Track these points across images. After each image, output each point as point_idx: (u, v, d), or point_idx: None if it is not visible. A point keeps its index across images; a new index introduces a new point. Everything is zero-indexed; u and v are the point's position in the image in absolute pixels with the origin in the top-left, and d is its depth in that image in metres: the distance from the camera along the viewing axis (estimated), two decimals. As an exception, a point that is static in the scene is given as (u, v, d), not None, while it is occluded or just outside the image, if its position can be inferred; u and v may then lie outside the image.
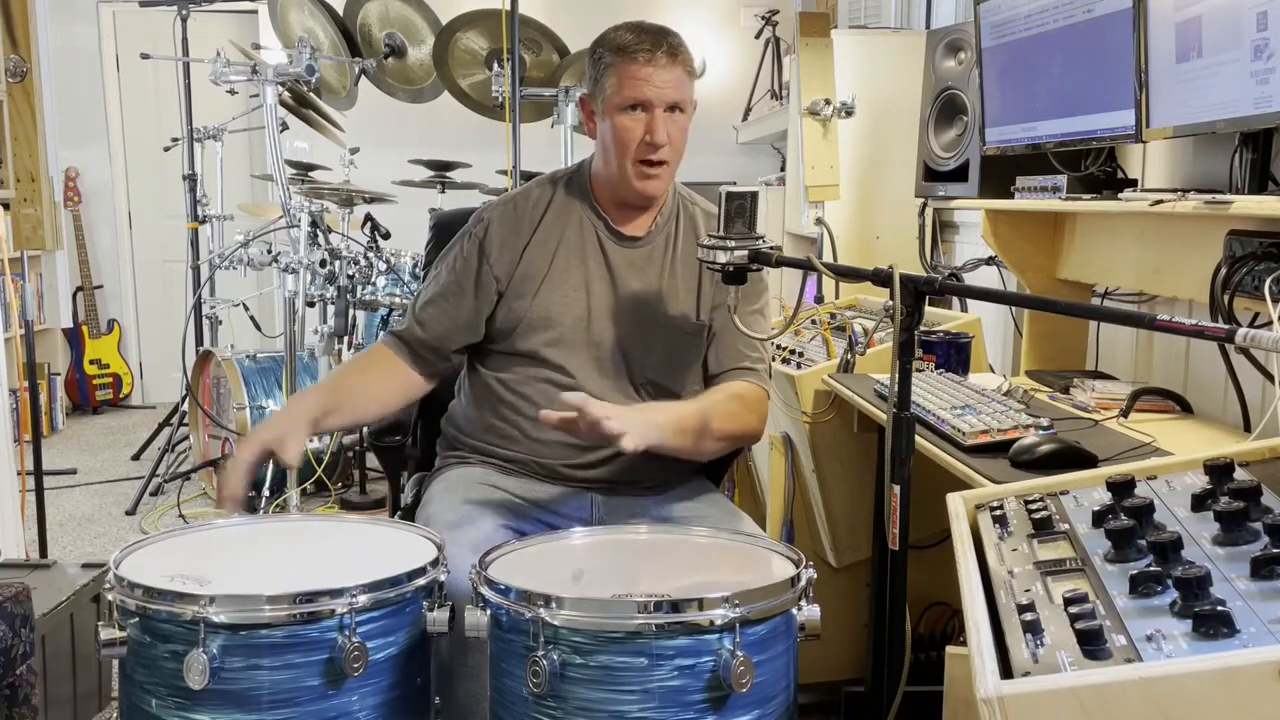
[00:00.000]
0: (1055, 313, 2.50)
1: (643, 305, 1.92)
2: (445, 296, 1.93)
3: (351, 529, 1.68)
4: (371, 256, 4.04)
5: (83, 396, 6.20)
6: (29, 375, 3.28)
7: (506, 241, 1.92)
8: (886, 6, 4.59)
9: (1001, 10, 2.48)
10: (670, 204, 1.98)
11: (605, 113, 1.86)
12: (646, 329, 1.92)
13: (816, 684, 2.47)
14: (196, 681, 1.28)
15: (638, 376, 1.92)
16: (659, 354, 1.92)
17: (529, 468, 1.91)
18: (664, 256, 1.95)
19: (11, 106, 3.32)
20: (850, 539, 2.53)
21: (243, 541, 1.61)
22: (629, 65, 1.82)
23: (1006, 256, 2.70)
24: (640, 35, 1.83)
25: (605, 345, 1.90)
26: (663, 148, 1.83)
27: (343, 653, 1.32)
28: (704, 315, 1.95)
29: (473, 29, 4.29)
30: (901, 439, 1.43)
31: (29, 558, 2.95)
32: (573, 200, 1.96)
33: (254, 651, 1.31)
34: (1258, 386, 1.97)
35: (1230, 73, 1.77)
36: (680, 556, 1.57)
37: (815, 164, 3.52)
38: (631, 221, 1.95)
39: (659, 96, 1.82)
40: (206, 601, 1.30)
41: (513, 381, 1.92)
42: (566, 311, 1.89)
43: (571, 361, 1.89)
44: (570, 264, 1.92)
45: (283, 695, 1.32)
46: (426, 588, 1.44)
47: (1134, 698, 0.79)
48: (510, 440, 1.92)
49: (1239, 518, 1.01)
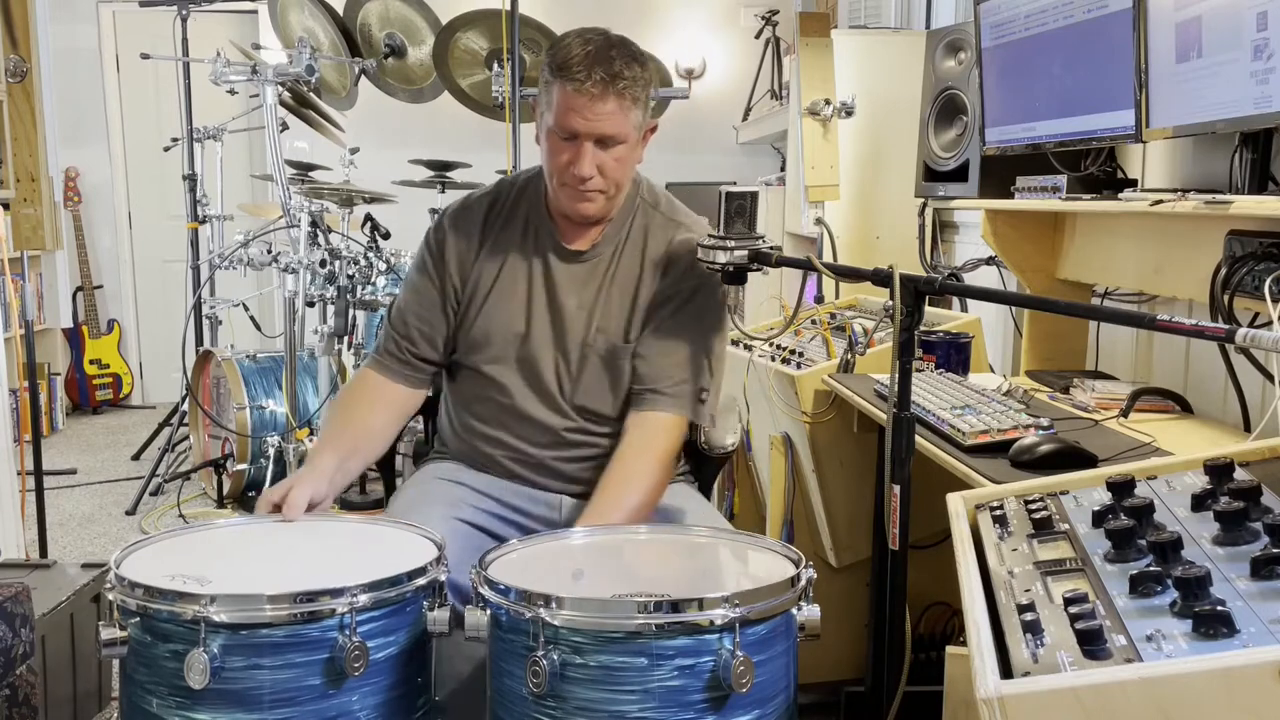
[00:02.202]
0: (1055, 313, 2.50)
1: (576, 325, 1.85)
2: (420, 306, 1.91)
3: (351, 529, 1.68)
4: (371, 256, 4.03)
5: (83, 396, 6.20)
6: (29, 375, 3.28)
7: (462, 253, 1.89)
8: (886, 6, 4.59)
9: (1001, 10, 2.48)
10: (626, 214, 1.89)
11: (542, 128, 1.79)
12: (578, 350, 1.85)
13: (816, 684, 2.47)
14: (197, 681, 1.28)
15: (570, 400, 1.86)
16: (589, 377, 1.86)
17: (498, 467, 1.90)
18: (606, 272, 1.87)
19: (11, 106, 3.32)
20: (850, 539, 2.53)
21: (243, 541, 1.61)
22: (562, 89, 1.71)
23: (1006, 256, 2.70)
24: (583, 56, 1.70)
25: (538, 366, 1.85)
26: (589, 179, 1.75)
27: (343, 652, 1.32)
28: (633, 333, 1.86)
29: (473, 29, 4.28)
30: (901, 439, 1.43)
31: (29, 558, 2.95)
32: (525, 209, 1.90)
33: (255, 651, 1.31)
34: (1258, 386, 1.97)
35: (1230, 73, 1.77)
36: (680, 556, 1.57)
37: (815, 164, 3.52)
38: (579, 234, 1.88)
39: (588, 129, 1.72)
40: (207, 601, 1.30)
41: (466, 394, 1.92)
42: (506, 329, 1.86)
43: (510, 381, 1.86)
44: (516, 278, 1.87)
45: (284, 695, 1.32)
46: (427, 587, 1.44)
47: (1134, 698, 0.79)
48: (471, 448, 1.92)
49: (1239, 518, 1.01)
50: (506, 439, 1.88)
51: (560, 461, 1.87)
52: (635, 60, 1.74)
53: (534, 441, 1.87)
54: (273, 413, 4.22)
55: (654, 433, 1.81)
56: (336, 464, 1.79)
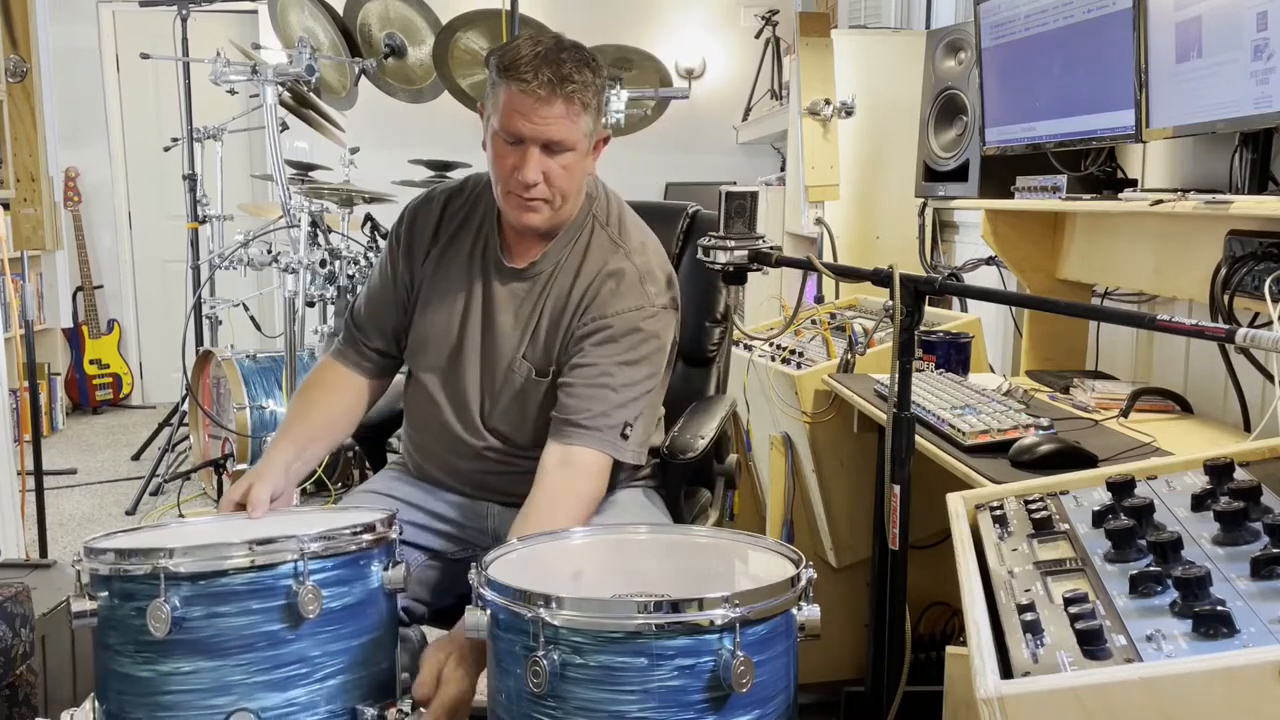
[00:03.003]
0: (1055, 313, 2.50)
1: (506, 345, 1.80)
2: (378, 299, 1.90)
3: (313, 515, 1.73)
4: (371, 256, 4.04)
5: (83, 396, 6.20)
6: (29, 375, 3.28)
7: (415, 250, 1.87)
8: (886, 6, 4.59)
9: (1001, 10, 2.48)
10: (575, 230, 1.81)
11: (487, 132, 1.72)
12: (502, 372, 1.80)
13: (816, 684, 2.47)
14: (160, 630, 1.34)
15: (488, 421, 1.82)
16: (506, 400, 1.81)
17: (431, 479, 1.90)
18: (542, 291, 1.79)
19: (11, 106, 3.33)
20: (850, 539, 2.53)
21: (209, 527, 1.67)
22: (509, 90, 1.64)
23: (1006, 256, 2.70)
24: (531, 57, 1.63)
25: (463, 384, 1.82)
26: (535, 186, 1.68)
27: (297, 598, 1.38)
28: (552, 368, 1.78)
29: (473, 29, 4.28)
30: (901, 439, 1.43)
31: (29, 558, 2.95)
32: (479, 217, 1.85)
33: (214, 600, 1.37)
34: (1258, 386, 1.97)
35: (1230, 73, 1.77)
36: (680, 556, 1.57)
37: (815, 164, 3.52)
38: (523, 250, 1.81)
39: (534, 134, 1.64)
40: (167, 554, 1.36)
41: (409, 400, 1.92)
42: (439, 341, 1.83)
43: (437, 392, 1.84)
44: (456, 289, 1.82)
45: (243, 641, 1.38)
46: (377, 543, 1.49)
47: (1134, 698, 0.79)
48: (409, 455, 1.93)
49: (1239, 518, 1.01)
50: (436, 449, 1.88)
51: (485, 474, 1.85)
52: (586, 65, 1.68)
53: (458, 454, 1.85)
54: (273, 413, 4.22)
55: (573, 471, 1.70)
56: (294, 454, 1.79)
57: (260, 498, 1.66)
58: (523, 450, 1.81)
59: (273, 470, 1.72)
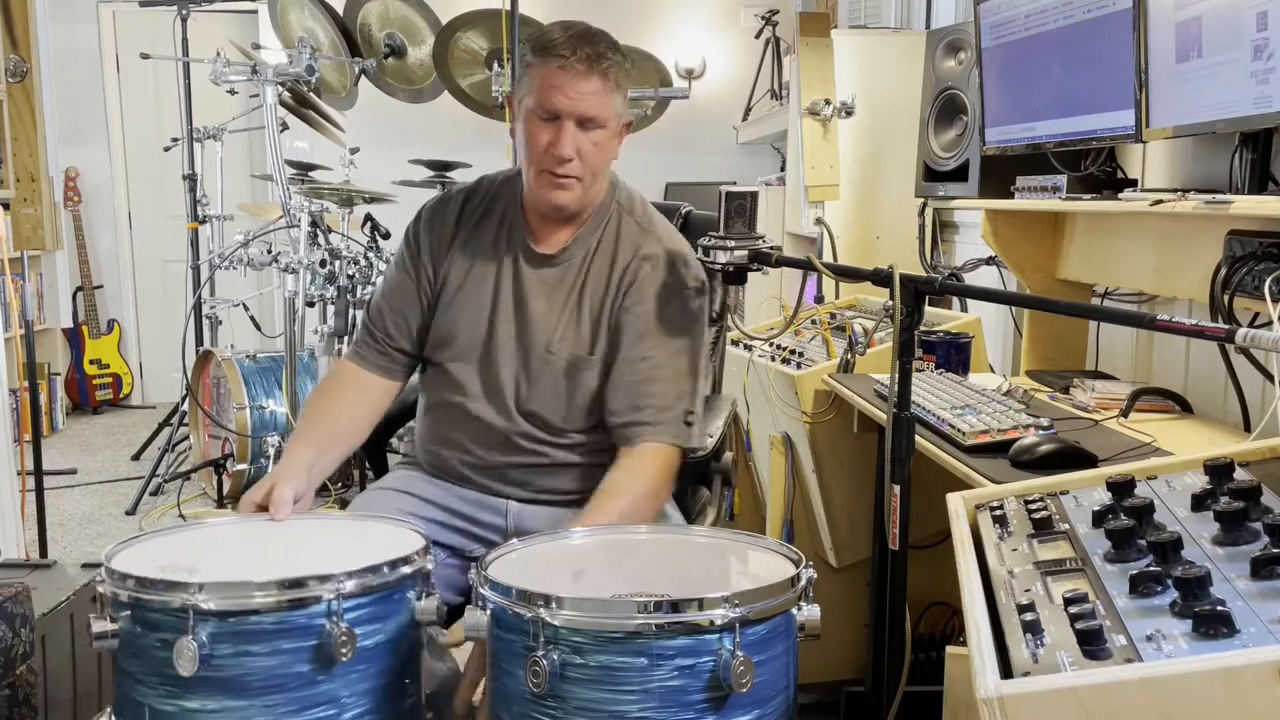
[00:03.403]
0: (1055, 313, 2.50)
1: (539, 331, 1.82)
2: (398, 299, 1.90)
3: (339, 524, 1.70)
4: (371, 256, 4.04)
5: (83, 396, 6.20)
6: (29, 375, 3.28)
7: (434, 246, 1.88)
8: (886, 6, 4.59)
9: (1001, 10, 2.48)
10: (600, 217, 1.85)
11: (521, 115, 1.77)
12: (537, 357, 1.82)
13: (816, 684, 2.47)
14: (187, 669, 1.29)
15: (524, 406, 1.83)
16: (544, 385, 1.82)
17: (450, 472, 1.90)
18: (577, 276, 1.83)
19: (11, 106, 3.33)
20: (850, 539, 2.53)
21: (233, 537, 1.63)
22: (545, 69, 1.71)
23: (1006, 256, 2.70)
24: (566, 38, 1.71)
25: (496, 370, 1.83)
26: (569, 162, 1.72)
27: (331, 639, 1.33)
28: (599, 346, 1.81)
29: (473, 29, 4.28)
30: (901, 439, 1.43)
31: (29, 558, 2.95)
32: (500, 210, 1.88)
33: (243, 638, 1.32)
34: (1258, 386, 1.97)
35: (1230, 73, 1.77)
36: (680, 556, 1.57)
37: (815, 164, 3.52)
38: (551, 235, 1.85)
39: (570, 108, 1.70)
40: (196, 589, 1.31)
41: (430, 393, 1.92)
42: (470, 330, 1.85)
43: (468, 381, 1.85)
44: (484, 280, 1.85)
45: (272, 681, 1.33)
46: (413, 576, 1.45)
47: (1134, 698, 0.79)
48: (426, 452, 1.92)
49: (1239, 518, 1.01)
50: (460, 439, 1.87)
51: (509, 466, 1.86)
52: (616, 48, 1.75)
53: (484, 443, 1.85)
54: (273, 413, 4.22)
55: (642, 464, 1.75)
56: (313, 457, 1.78)
57: (284, 499, 1.65)
58: (557, 434, 1.83)
59: (294, 472, 1.71)
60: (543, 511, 1.85)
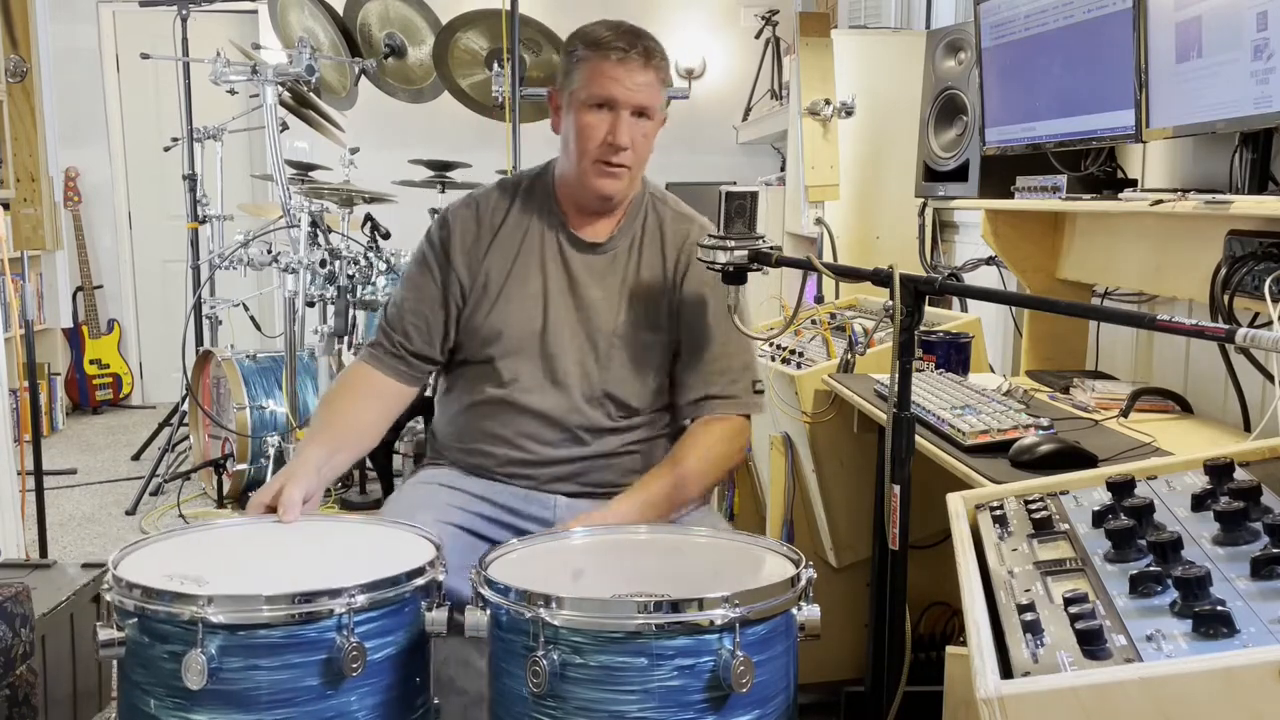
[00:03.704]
0: (1055, 313, 2.50)
1: (602, 315, 1.87)
2: (419, 303, 1.90)
3: (349, 528, 1.68)
4: (371, 256, 4.04)
5: (83, 396, 6.20)
6: (29, 375, 3.28)
7: (469, 249, 1.89)
8: (886, 6, 4.59)
9: (1001, 10, 2.48)
10: (637, 207, 1.92)
11: (571, 107, 1.81)
12: (606, 340, 1.87)
13: (816, 684, 2.47)
14: (195, 682, 1.28)
15: (594, 389, 1.87)
16: (617, 365, 1.87)
17: (493, 471, 1.90)
18: (627, 263, 1.89)
19: (11, 106, 3.32)
20: (850, 539, 2.53)
21: (241, 541, 1.61)
22: (601, 62, 1.77)
23: (1006, 256, 2.70)
24: (617, 33, 1.79)
25: (559, 357, 1.86)
26: (624, 151, 1.78)
27: (341, 653, 1.32)
28: (668, 325, 1.89)
29: (473, 29, 4.29)
30: (901, 439, 1.43)
31: (29, 558, 2.95)
32: (534, 205, 1.91)
33: (252, 652, 1.31)
34: (1258, 386, 1.97)
35: (1230, 73, 1.77)
36: (680, 556, 1.58)
37: (815, 164, 3.52)
38: (593, 226, 1.90)
39: (627, 98, 1.77)
40: (204, 602, 1.30)
41: (471, 391, 1.91)
42: (522, 323, 1.86)
43: (524, 375, 1.86)
44: (529, 273, 1.87)
45: (281, 695, 1.32)
46: (425, 587, 1.43)
47: (1134, 698, 0.79)
48: (466, 452, 1.92)
49: (1239, 518, 1.01)
50: (507, 434, 1.87)
51: (561, 461, 1.87)
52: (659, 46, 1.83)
53: (539, 437, 1.86)
54: (273, 413, 4.22)
55: (714, 431, 1.87)
56: (325, 458, 1.77)
57: (293, 500, 1.64)
58: (631, 415, 1.88)
59: (305, 471, 1.71)
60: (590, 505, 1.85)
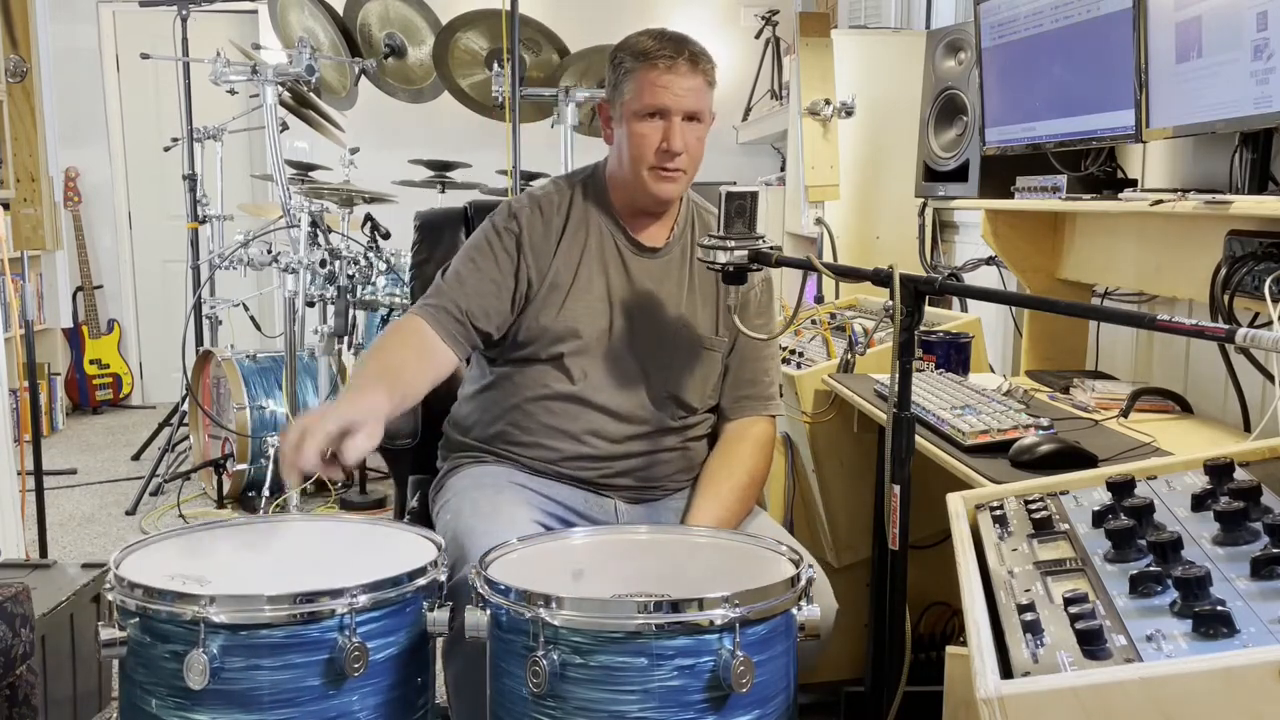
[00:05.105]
0: (1055, 313, 2.50)
1: (664, 319, 1.91)
2: (483, 282, 1.86)
3: (351, 529, 1.68)
4: (371, 256, 4.04)
5: (83, 396, 6.20)
6: (29, 375, 3.28)
7: (539, 246, 1.90)
8: (886, 6, 4.59)
9: (1001, 10, 2.48)
10: (685, 213, 1.97)
11: (623, 119, 1.84)
12: (669, 343, 1.91)
13: (816, 684, 2.47)
14: (197, 681, 1.28)
15: (659, 390, 1.90)
16: (679, 368, 1.91)
17: (549, 470, 1.89)
18: (681, 268, 1.94)
19: (11, 106, 3.32)
20: (850, 539, 2.53)
21: (242, 541, 1.61)
22: (649, 71, 1.80)
23: (1006, 256, 2.70)
24: (663, 42, 1.82)
25: (626, 358, 1.89)
26: (680, 155, 1.82)
27: (343, 653, 1.32)
28: (723, 330, 1.94)
29: (473, 29, 4.29)
30: (901, 439, 1.43)
31: (29, 558, 2.95)
32: (591, 207, 1.93)
33: (254, 652, 1.31)
34: (1258, 386, 1.97)
35: (1230, 73, 1.77)
36: (680, 556, 1.58)
37: (815, 164, 3.52)
38: (648, 230, 1.94)
39: (678, 104, 1.80)
40: (206, 601, 1.30)
41: (531, 386, 1.89)
42: (591, 323, 1.88)
43: (593, 373, 1.87)
44: (594, 274, 1.90)
45: (283, 695, 1.32)
46: (426, 588, 1.43)
47: (1134, 698, 0.79)
48: (523, 446, 1.90)
49: (1239, 518, 1.01)
50: (578, 431, 1.87)
51: (622, 456, 1.88)
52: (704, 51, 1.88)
53: (608, 435, 1.87)
54: (273, 413, 4.22)
55: (749, 439, 1.93)
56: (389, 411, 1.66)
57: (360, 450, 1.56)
58: (689, 414, 1.92)
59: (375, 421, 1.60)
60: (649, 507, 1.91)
